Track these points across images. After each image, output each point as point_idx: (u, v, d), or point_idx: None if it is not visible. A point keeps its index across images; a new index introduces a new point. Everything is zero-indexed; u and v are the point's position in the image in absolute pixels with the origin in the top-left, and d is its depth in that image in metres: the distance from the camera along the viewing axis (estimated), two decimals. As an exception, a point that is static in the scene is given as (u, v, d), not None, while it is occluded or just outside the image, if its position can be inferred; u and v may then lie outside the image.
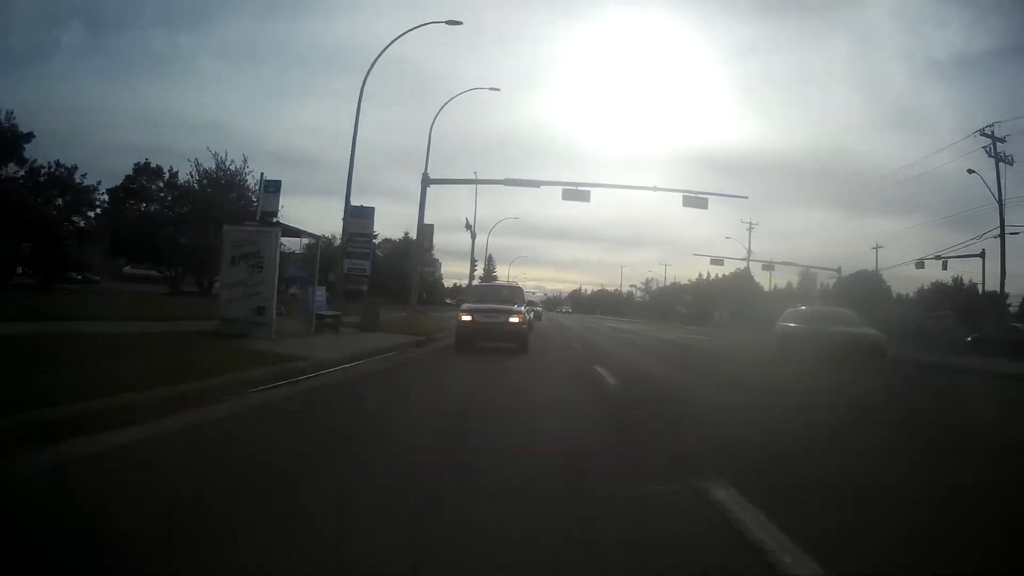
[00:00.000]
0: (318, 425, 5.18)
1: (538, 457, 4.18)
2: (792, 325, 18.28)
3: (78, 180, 30.19)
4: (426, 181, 23.20)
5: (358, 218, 18.97)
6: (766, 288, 68.35)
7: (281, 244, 11.73)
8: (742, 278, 67.93)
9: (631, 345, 20.32)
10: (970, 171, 28.99)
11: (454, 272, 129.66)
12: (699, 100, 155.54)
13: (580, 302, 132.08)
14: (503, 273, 77.08)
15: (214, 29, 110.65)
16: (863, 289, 45.53)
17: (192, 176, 33.34)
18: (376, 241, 43.76)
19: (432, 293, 68.29)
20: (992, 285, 31.77)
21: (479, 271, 49.39)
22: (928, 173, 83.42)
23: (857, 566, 2.55)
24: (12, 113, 27.54)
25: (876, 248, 49.68)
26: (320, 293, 13.43)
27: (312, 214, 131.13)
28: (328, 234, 27.33)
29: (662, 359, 15.54)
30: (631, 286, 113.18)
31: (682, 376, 11.40)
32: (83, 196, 29.95)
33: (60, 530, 2.53)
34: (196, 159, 33.99)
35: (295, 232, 13.54)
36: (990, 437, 6.30)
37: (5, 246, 24.52)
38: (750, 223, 56.44)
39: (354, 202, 18.81)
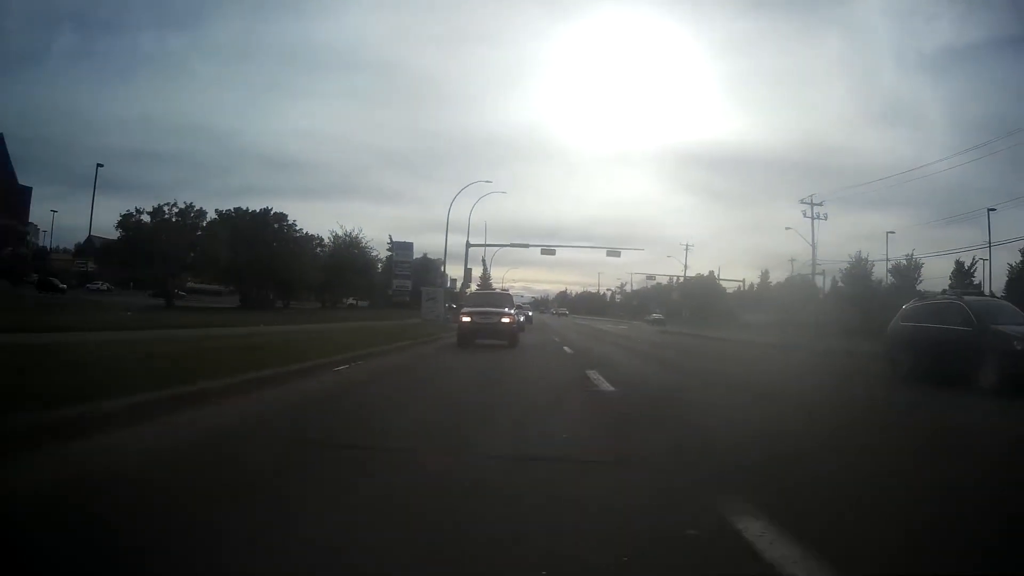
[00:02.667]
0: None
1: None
2: (932, 326, 12.04)
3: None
4: (468, 245, 44.17)
5: (401, 251, 39.86)
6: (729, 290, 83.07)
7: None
8: (706, 281, 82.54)
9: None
10: (787, 228, 47.13)
11: (455, 274, 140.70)
12: (689, 96, 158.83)
13: (565, 303, 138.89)
14: (497, 275, 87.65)
15: (204, 30, 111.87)
16: (795, 291, 57.52)
17: (330, 240, 55.53)
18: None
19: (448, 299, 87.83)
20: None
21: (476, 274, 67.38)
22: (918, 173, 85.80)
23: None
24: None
25: (791, 261, 61.65)
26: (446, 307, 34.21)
27: (302, 215, 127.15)
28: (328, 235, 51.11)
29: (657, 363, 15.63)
30: (607, 289, 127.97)
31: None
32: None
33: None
34: (334, 231, 55.64)
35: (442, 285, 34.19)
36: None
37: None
38: (686, 245, 74.98)
39: (352, 206, 40.48)
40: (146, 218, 41.69)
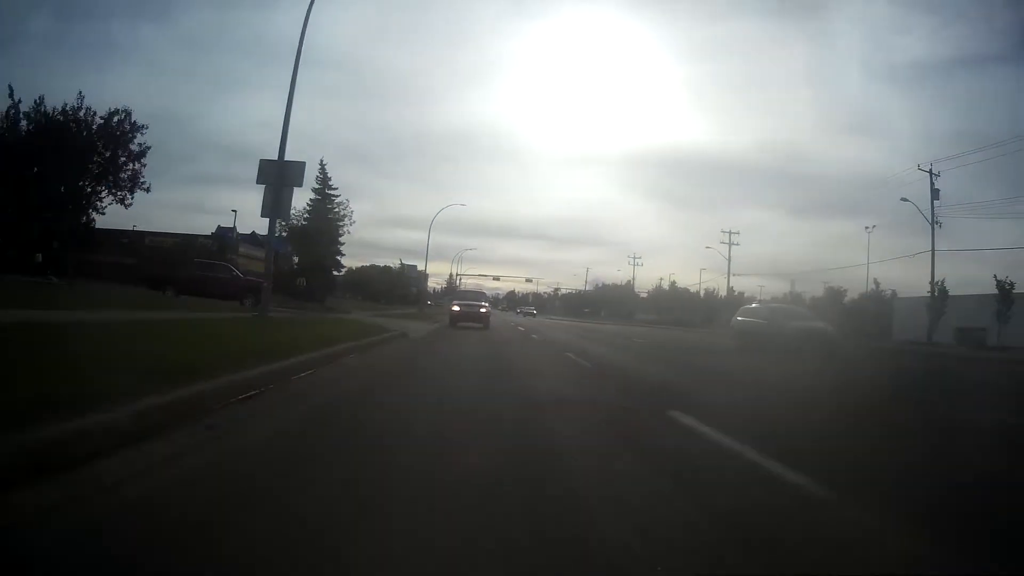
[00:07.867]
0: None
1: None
2: (749, 320, 21.10)
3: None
4: (458, 275, 71.40)
5: (411, 271, 69.16)
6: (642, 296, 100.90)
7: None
8: (624, 289, 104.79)
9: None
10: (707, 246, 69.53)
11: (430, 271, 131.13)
12: (655, 101, 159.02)
13: (514, 303, 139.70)
14: (447, 268, 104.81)
15: (175, 21, 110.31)
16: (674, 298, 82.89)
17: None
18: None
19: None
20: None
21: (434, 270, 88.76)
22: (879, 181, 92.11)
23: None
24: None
25: (701, 269, 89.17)
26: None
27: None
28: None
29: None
30: (544, 292, 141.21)
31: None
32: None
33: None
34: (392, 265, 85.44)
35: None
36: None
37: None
38: (587, 269, 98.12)
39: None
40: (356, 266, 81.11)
